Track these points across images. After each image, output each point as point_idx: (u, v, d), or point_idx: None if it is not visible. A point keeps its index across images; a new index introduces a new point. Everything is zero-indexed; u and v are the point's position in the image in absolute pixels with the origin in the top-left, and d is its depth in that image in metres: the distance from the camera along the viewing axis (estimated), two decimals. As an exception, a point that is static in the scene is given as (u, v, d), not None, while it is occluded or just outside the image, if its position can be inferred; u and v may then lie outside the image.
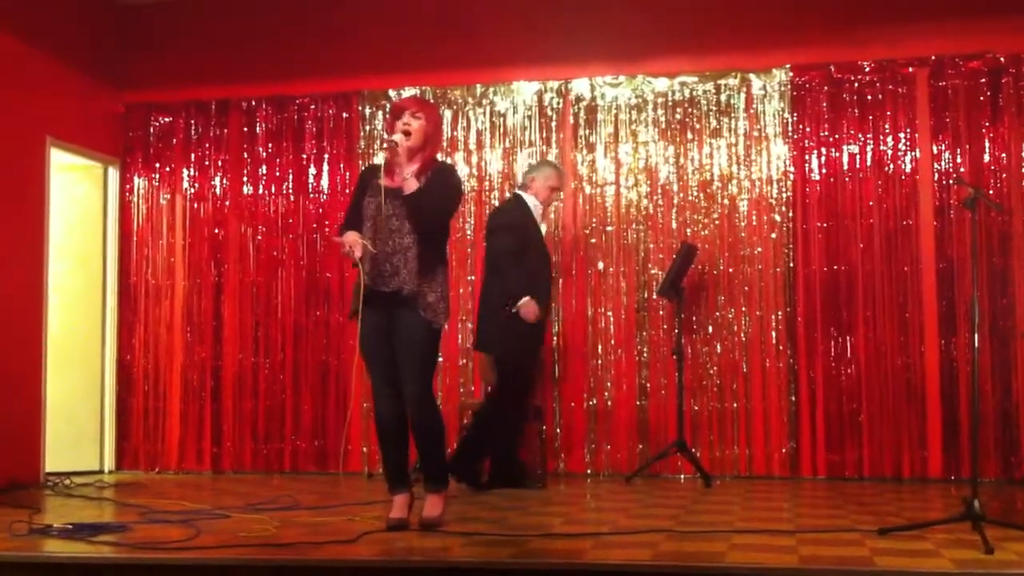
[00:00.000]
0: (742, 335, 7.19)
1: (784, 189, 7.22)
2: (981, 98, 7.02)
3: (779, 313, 7.15)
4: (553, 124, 7.56)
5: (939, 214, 7.02)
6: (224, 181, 7.96)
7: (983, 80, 7.03)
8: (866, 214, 7.11)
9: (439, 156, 5.21)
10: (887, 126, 7.14)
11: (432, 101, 6.35)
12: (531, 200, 6.61)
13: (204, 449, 7.79)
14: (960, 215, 6.92)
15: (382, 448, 4.99)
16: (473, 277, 7.42)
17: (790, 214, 7.19)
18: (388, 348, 4.86)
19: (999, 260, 6.89)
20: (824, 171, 7.19)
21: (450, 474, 5.99)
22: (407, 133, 4.88)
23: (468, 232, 7.55)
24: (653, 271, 7.32)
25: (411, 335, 4.84)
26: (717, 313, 7.24)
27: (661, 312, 7.29)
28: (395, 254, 4.82)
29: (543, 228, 6.80)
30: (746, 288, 7.22)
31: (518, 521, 5.08)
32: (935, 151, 7.06)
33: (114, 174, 8.01)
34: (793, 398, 7.09)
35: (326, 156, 7.82)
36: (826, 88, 7.23)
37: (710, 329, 7.24)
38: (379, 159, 4.96)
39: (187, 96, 8.01)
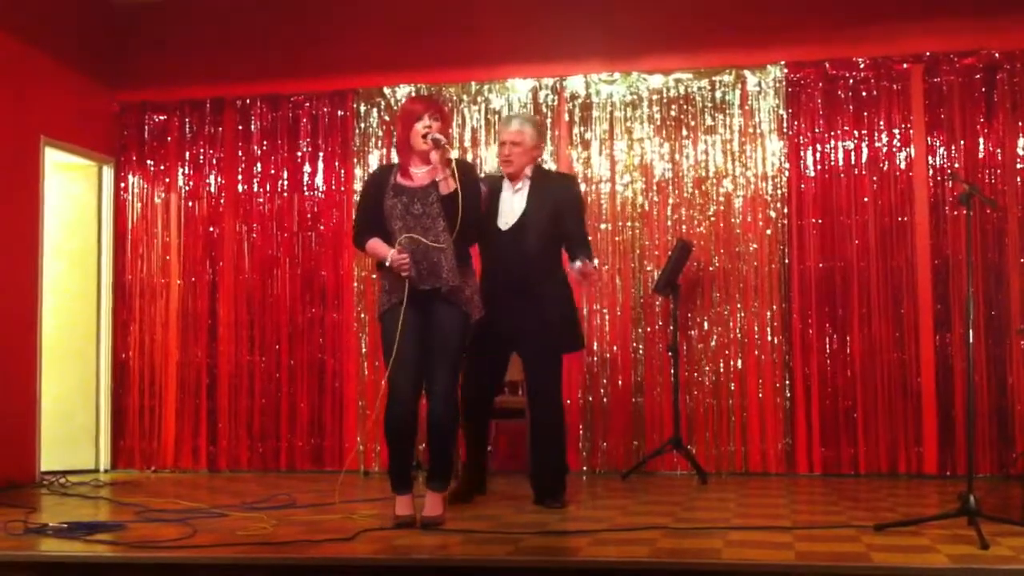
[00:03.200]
0: (737, 331, 7.20)
1: (779, 186, 7.23)
2: (976, 95, 7.03)
3: (774, 309, 7.16)
4: (548, 121, 7.56)
5: (934, 210, 7.03)
6: (219, 179, 7.95)
7: (978, 77, 7.03)
8: (861, 210, 7.11)
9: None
10: (882, 123, 7.15)
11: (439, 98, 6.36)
12: None
13: (200, 448, 7.78)
14: (955, 211, 6.94)
15: (392, 447, 4.98)
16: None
17: (785, 210, 7.20)
18: (419, 347, 4.89)
19: (994, 256, 6.90)
20: (819, 167, 7.20)
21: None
22: (427, 135, 4.91)
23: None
24: (648, 268, 7.32)
25: (449, 330, 4.90)
26: (712, 310, 7.25)
27: (657, 309, 7.30)
28: (431, 251, 4.85)
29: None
30: (741, 284, 7.23)
31: (514, 519, 5.08)
32: (930, 147, 7.07)
33: (109, 173, 8.00)
34: (788, 394, 7.10)
35: (321, 154, 7.82)
36: (821, 85, 7.23)
37: (705, 326, 7.25)
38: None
39: (181, 95, 8.00)
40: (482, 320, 5.14)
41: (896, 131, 7.12)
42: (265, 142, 7.90)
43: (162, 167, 8.02)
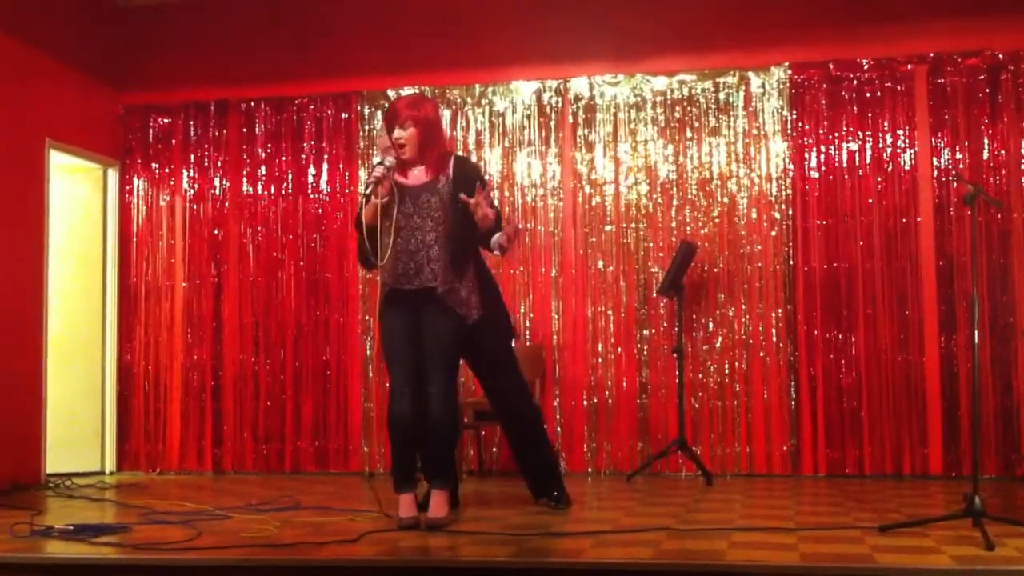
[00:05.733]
0: (742, 333, 7.19)
1: (783, 187, 7.22)
2: (980, 95, 7.02)
3: (779, 311, 7.16)
4: (552, 123, 7.57)
5: (938, 211, 7.02)
6: (223, 182, 7.96)
7: (982, 77, 7.03)
8: (865, 211, 7.11)
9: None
10: (886, 123, 7.14)
11: (424, 95, 6.32)
12: None
13: (205, 450, 7.79)
14: (959, 212, 6.93)
15: (394, 447, 4.99)
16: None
17: (790, 212, 7.19)
18: (412, 347, 4.89)
19: (999, 257, 6.89)
20: (823, 169, 7.20)
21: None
22: (401, 146, 4.91)
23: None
24: (653, 269, 7.32)
25: (440, 331, 4.88)
26: (717, 311, 7.24)
27: (661, 310, 7.30)
28: (418, 252, 4.86)
29: None
30: (746, 286, 7.22)
31: (519, 520, 5.08)
32: (934, 148, 7.06)
33: (114, 175, 8.01)
34: (793, 396, 7.09)
35: (325, 156, 7.83)
36: (825, 86, 7.23)
37: (710, 327, 7.25)
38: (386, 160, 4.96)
39: (186, 97, 8.02)
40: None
41: (900, 132, 7.12)
42: (269, 144, 7.91)
43: (167, 169, 8.04)
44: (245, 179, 7.93)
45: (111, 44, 8.03)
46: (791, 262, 7.17)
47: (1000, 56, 6.99)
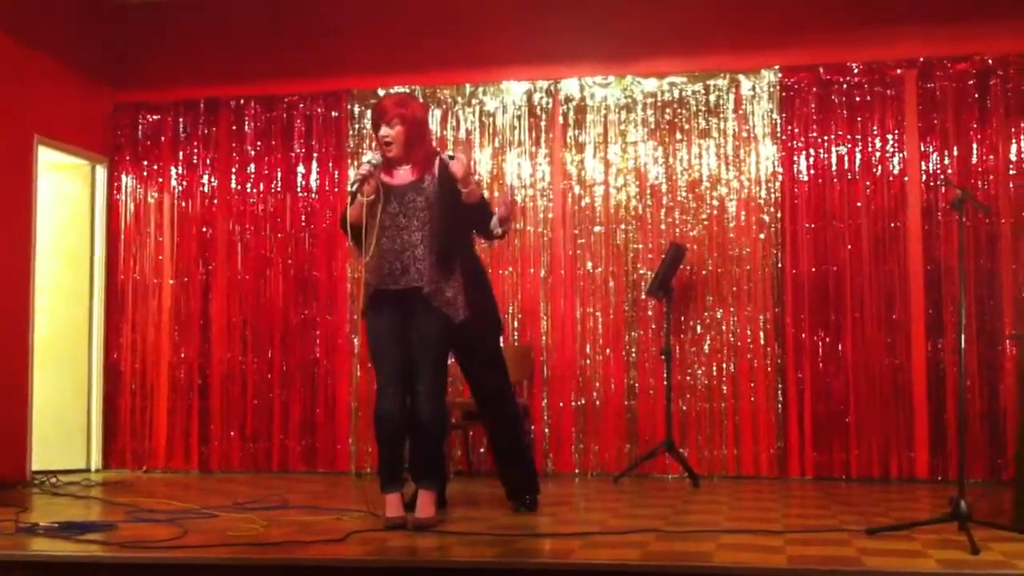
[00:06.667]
0: (730, 335, 7.20)
1: (773, 190, 7.23)
2: (969, 100, 7.04)
3: (767, 313, 7.17)
4: (542, 124, 7.57)
5: (927, 216, 7.04)
6: (212, 180, 7.94)
7: (971, 82, 7.05)
8: (854, 215, 7.13)
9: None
10: (875, 127, 7.16)
11: (411, 94, 6.33)
12: None
13: (192, 448, 7.77)
14: (948, 217, 6.95)
15: (380, 446, 4.97)
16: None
17: (778, 215, 7.21)
18: (399, 347, 4.87)
19: (986, 262, 6.91)
20: (812, 172, 7.21)
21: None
22: (388, 144, 4.90)
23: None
24: (642, 271, 7.33)
25: (426, 332, 4.86)
26: (705, 313, 7.25)
27: (650, 312, 7.30)
28: (404, 252, 4.84)
29: None
30: (734, 288, 7.23)
31: (506, 521, 5.08)
32: (923, 153, 7.08)
33: (102, 172, 7.99)
34: (781, 398, 7.10)
35: (315, 155, 7.82)
36: (815, 89, 7.24)
37: (698, 329, 7.25)
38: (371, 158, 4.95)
39: (176, 95, 8.00)
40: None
41: (889, 136, 7.14)
42: (259, 142, 7.89)
43: (156, 167, 8.02)
44: (234, 177, 7.91)
45: (102, 41, 8.00)
46: (779, 265, 7.18)
47: (989, 61, 7.01)
